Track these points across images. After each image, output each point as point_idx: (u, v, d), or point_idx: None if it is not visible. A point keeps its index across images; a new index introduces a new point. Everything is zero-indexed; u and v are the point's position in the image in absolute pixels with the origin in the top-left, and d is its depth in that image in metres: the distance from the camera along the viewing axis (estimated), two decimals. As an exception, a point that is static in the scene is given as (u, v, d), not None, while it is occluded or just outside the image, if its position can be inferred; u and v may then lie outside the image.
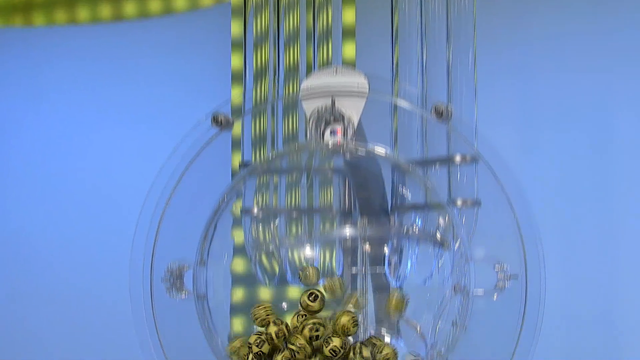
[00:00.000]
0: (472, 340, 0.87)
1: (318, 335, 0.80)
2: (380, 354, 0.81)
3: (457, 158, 0.89)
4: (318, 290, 0.82)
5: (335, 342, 0.80)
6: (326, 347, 0.80)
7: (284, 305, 0.93)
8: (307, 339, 0.80)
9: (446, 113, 0.86)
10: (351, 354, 0.81)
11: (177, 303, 0.92)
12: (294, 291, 0.93)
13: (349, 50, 0.97)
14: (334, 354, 0.80)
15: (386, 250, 0.89)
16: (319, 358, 0.81)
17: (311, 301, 0.81)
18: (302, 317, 0.81)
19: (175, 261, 0.92)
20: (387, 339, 0.91)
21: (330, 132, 0.87)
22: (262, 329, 0.83)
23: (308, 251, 0.90)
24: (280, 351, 0.81)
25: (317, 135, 0.87)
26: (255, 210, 0.92)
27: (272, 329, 0.81)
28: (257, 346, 0.81)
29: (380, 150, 0.88)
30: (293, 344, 0.80)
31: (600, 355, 1.17)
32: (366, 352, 0.81)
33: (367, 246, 0.89)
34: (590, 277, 1.17)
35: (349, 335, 0.81)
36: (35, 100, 1.42)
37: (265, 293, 0.96)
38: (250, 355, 0.81)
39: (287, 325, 0.82)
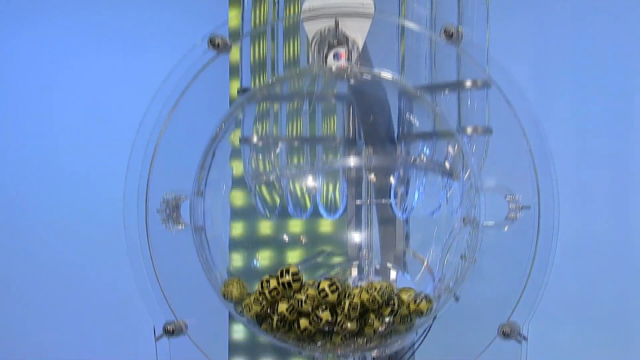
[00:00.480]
0: (481, 274, 0.89)
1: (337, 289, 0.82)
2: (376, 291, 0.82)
3: (468, 83, 0.89)
4: (340, 282, 0.83)
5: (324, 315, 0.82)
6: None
7: (285, 237, 0.95)
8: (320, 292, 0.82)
9: (456, 35, 0.86)
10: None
11: (173, 235, 0.93)
12: (296, 224, 0.95)
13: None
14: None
15: (392, 180, 0.90)
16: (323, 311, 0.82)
17: (331, 291, 0.82)
18: (312, 300, 0.82)
19: (172, 192, 0.93)
20: (393, 274, 0.93)
21: (334, 56, 0.87)
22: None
23: (310, 182, 0.91)
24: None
25: (320, 59, 0.87)
26: (255, 139, 0.92)
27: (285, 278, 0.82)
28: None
29: (386, 74, 0.88)
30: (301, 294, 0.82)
31: (615, 292, 1.19)
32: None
33: (372, 177, 0.90)
34: (604, 211, 1.19)
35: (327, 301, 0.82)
36: (16, 27, 1.41)
37: (265, 226, 0.97)
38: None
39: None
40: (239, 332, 1.14)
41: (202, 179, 0.91)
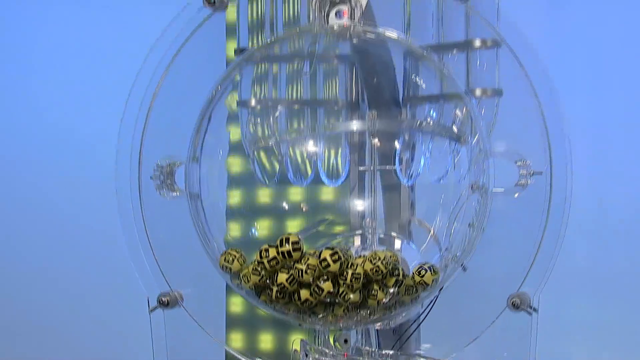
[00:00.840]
0: (490, 243, 0.89)
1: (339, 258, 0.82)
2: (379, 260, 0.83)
3: (477, 42, 0.89)
4: (342, 251, 0.83)
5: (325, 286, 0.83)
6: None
7: (285, 205, 0.95)
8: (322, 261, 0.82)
9: (465, -9, 0.86)
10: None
11: (167, 203, 0.93)
12: (296, 192, 0.95)
13: None
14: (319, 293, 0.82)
15: (397, 146, 0.90)
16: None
17: (333, 261, 0.82)
18: (313, 270, 0.82)
19: (166, 157, 0.93)
20: (398, 243, 0.93)
21: (336, 14, 0.86)
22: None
23: (311, 147, 0.91)
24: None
25: (321, 18, 0.87)
26: (253, 102, 0.92)
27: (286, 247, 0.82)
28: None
29: (391, 34, 0.88)
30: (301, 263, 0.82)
31: (630, 261, 1.20)
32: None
33: (376, 141, 0.90)
34: (620, 177, 1.19)
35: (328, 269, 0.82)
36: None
37: (264, 194, 0.98)
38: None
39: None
40: (237, 304, 1.15)
41: (197, 144, 0.91)
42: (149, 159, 0.93)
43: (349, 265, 0.82)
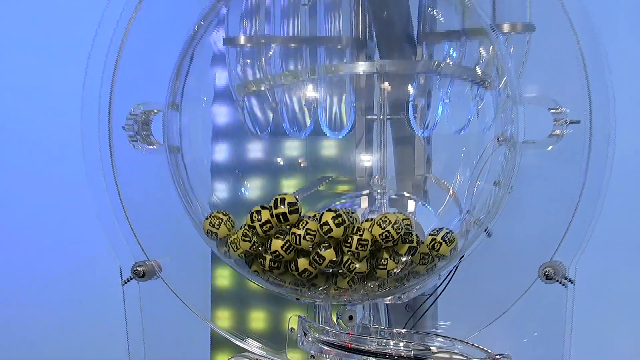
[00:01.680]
0: (519, 205, 0.89)
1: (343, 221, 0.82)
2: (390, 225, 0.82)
3: (505, -32, 0.89)
4: (346, 213, 0.82)
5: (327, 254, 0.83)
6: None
7: (280, 161, 0.96)
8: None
9: None
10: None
11: (143, 158, 0.93)
12: (293, 145, 0.95)
13: None
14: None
15: (411, 91, 0.90)
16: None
17: (336, 225, 0.82)
18: (312, 236, 0.82)
19: (140, 104, 0.93)
20: (411, 205, 0.93)
21: None
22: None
23: (310, 92, 0.90)
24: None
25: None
26: (242, 39, 0.91)
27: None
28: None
29: (405, -42, 0.88)
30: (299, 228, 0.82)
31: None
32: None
33: (386, 86, 0.89)
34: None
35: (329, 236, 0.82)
36: None
37: (256, 148, 0.97)
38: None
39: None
40: (224, 277, 1.15)
41: (177, 88, 0.91)
42: (121, 106, 0.93)
43: (355, 230, 0.82)
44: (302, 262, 0.83)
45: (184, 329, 1.01)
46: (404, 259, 0.84)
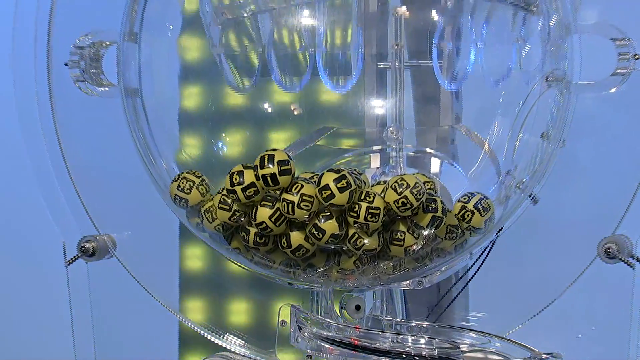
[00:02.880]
0: (573, 165, 0.90)
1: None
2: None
3: None
4: (352, 175, 0.82)
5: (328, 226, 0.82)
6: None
7: (267, 107, 0.95)
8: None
9: None
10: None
11: (91, 102, 0.93)
12: (283, 95, 0.94)
13: None
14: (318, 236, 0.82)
15: (435, 17, 0.89)
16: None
17: (339, 189, 0.81)
18: (309, 203, 0.82)
19: (89, 35, 0.93)
20: (435, 164, 0.93)
21: None
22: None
23: (307, 20, 0.90)
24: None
25: None
26: (218, -49, 0.91)
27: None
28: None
29: None
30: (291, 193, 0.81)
31: None
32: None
33: (403, 11, 0.89)
34: None
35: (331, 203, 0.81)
36: None
37: (235, 96, 0.96)
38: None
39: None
40: (196, 257, 1.16)
41: (135, 14, 0.92)
42: (64, 36, 0.93)
43: (363, 196, 0.81)
44: (296, 237, 0.83)
45: (145, 322, 1.02)
46: (425, 233, 0.84)
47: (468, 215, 0.85)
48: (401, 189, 0.81)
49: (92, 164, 0.96)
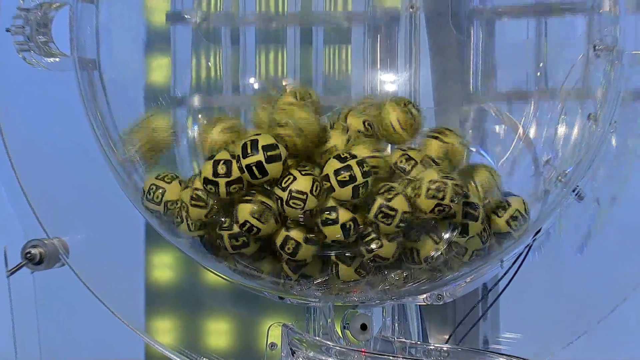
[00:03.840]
0: (626, 153, 0.90)
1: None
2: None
3: None
4: (364, 166, 0.80)
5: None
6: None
7: (252, 81, 0.94)
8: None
9: None
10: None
11: (39, 75, 0.93)
12: (272, 58, 0.93)
13: None
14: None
15: None
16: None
17: (338, 183, 0.80)
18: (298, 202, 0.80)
19: None
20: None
21: None
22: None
23: None
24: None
25: None
26: None
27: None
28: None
29: None
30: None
31: None
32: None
33: None
34: None
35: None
36: None
37: (215, 61, 0.96)
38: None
39: None
40: (166, 266, 1.16)
41: None
42: None
43: (382, 190, 0.81)
44: (295, 235, 0.82)
45: (104, 345, 1.02)
46: (446, 237, 0.83)
47: (501, 212, 0.84)
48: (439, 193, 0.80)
49: (38, 152, 0.96)
